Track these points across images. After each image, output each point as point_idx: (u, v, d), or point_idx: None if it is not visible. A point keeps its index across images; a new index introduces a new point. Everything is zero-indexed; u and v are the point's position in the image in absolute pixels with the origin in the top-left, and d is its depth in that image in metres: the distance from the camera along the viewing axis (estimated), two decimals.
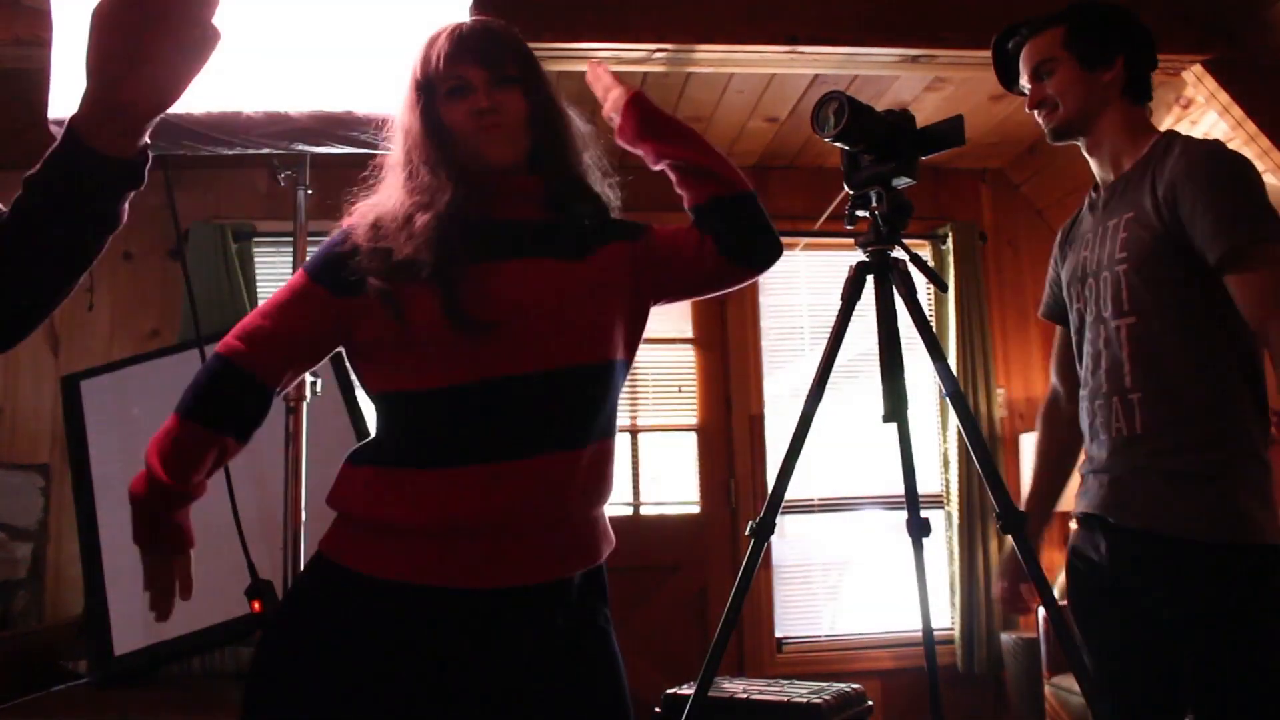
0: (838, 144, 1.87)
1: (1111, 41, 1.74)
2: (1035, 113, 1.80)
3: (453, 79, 1.29)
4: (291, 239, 1.91)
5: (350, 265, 1.24)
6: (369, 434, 2.10)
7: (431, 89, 1.30)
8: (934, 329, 2.05)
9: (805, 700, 2.40)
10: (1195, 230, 1.59)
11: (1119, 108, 1.75)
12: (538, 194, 1.35)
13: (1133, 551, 1.67)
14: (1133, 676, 1.73)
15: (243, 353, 1.25)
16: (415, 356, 1.24)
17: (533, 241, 1.30)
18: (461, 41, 1.29)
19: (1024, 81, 1.83)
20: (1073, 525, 1.84)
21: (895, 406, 1.89)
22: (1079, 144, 1.81)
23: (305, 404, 1.75)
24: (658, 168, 1.46)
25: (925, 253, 4.00)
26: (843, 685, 2.57)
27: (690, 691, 1.84)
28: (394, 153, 1.35)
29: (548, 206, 1.35)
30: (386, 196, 1.30)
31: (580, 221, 1.36)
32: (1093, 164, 1.83)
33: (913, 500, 2.01)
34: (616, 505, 3.82)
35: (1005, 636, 3.64)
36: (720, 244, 1.40)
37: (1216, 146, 1.66)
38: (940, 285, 1.98)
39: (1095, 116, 1.75)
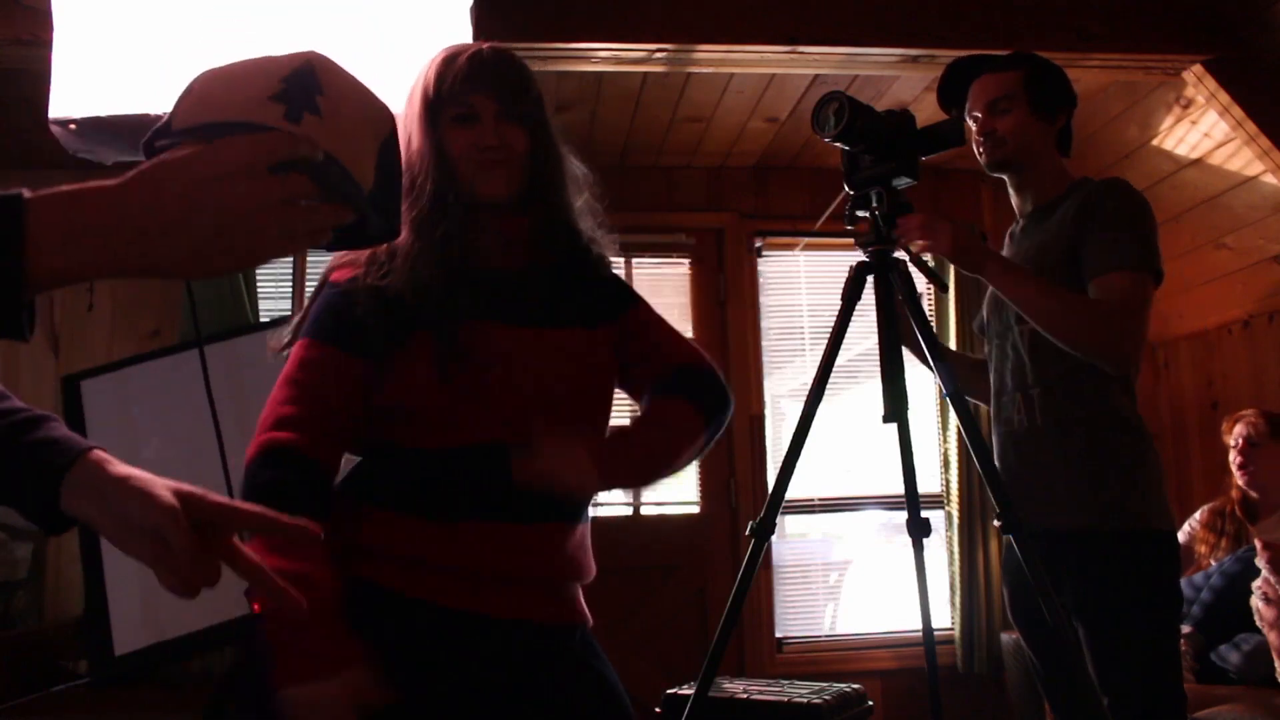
0: (838, 144, 1.87)
1: (1059, 98, 1.95)
2: (980, 139, 1.96)
3: (463, 106, 1.25)
4: None
5: (356, 318, 1.21)
6: None
7: (439, 110, 1.27)
8: (934, 329, 2.05)
9: (805, 700, 2.40)
10: (1086, 244, 1.82)
11: (1051, 155, 1.96)
12: (523, 237, 1.32)
13: (1042, 548, 1.82)
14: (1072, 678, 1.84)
15: (305, 444, 1.15)
16: (409, 415, 1.22)
17: (530, 303, 1.29)
18: (478, 68, 1.25)
19: (974, 109, 1.97)
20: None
21: (895, 406, 1.89)
22: (1005, 178, 2.01)
23: None
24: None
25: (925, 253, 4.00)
26: (843, 685, 2.57)
27: (690, 691, 1.84)
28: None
29: (534, 251, 1.33)
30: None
31: (577, 281, 1.34)
32: (1014, 197, 2.03)
33: (913, 500, 2.00)
34: (616, 505, 3.82)
35: (1005, 636, 3.64)
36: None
37: (1124, 183, 1.90)
38: (940, 285, 2.02)
39: (1033, 159, 1.94)
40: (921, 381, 3.86)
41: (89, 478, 0.75)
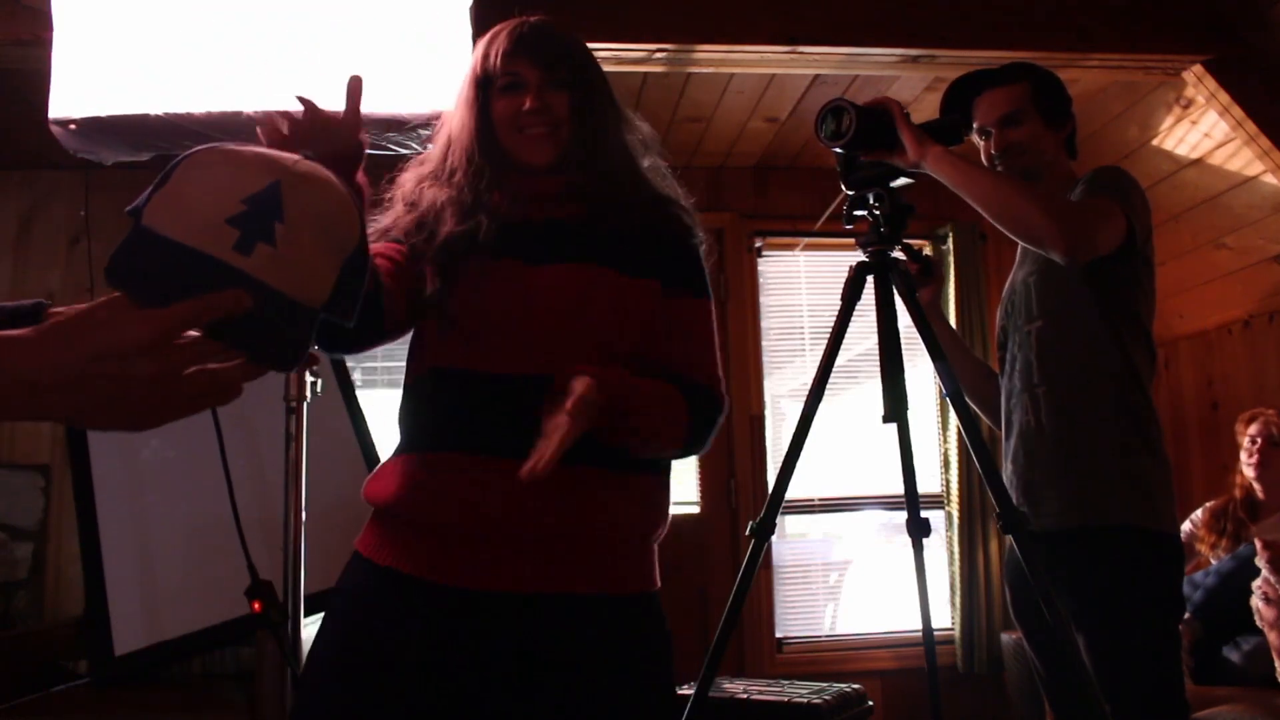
0: (838, 150, 1.87)
1: (1065, 104, 1.97)
2: (995, 154, 1.96)
3: (508, 75, 1.31)
4: None
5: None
6: (369, 435, 2.10)
7: (489, 85, 1.33)
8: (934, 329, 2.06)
9: (805, 700, 2.40)
10: None
11: (1063, 161, 1.97)
12: (558, 192, 1.34)
13: (1048, 550, 1.80)
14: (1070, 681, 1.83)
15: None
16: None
17: (573, 242, 1.31)
18: (520, 40, 1.32)
19: (986, 125, 1.97)
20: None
21: (895, 406, 1.89)
22: None
23: (305, 404, 1.75)
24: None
25: (925, 253, 4.00)
26: (843, 685, 2.57)
27: (690, 692, 1.83)
28: (434, 147, 1.39)
29: (563, 204, 1.34)
30: (414, 187, 1.35)
31: (630, 227, 1.34)
32: None
33: (913, 500, 2.01)
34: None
35: (1005, 636, 3.64)
36: None
37: (1110, 166, 1.91)
38: (924, 268, 2.05)
39: (1048, 167, 1.95)
40: (921, 381, 3.87)
41: None
